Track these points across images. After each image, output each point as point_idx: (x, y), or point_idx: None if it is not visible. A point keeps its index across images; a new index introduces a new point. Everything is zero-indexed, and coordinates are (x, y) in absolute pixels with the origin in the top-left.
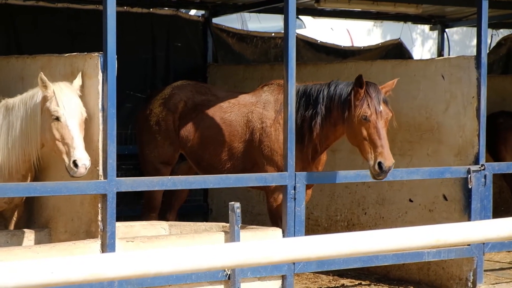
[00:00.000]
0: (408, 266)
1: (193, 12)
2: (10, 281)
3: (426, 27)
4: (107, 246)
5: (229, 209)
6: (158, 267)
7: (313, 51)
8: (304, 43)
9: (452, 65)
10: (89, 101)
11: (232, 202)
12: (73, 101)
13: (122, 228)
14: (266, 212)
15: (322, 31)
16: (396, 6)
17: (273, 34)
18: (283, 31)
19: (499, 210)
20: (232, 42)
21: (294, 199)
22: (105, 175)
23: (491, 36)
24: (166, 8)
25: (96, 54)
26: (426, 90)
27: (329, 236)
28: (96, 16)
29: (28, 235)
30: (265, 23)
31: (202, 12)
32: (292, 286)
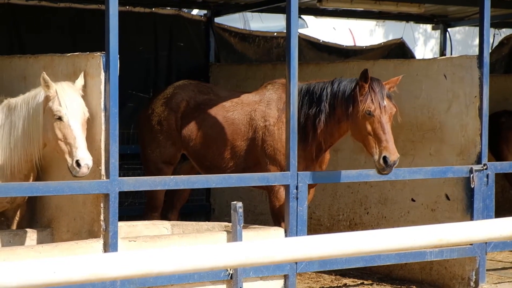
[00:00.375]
0: (411, 265)
1: (195, 11)
2: (13, 281)
3: (428, 27)
4: (109, 246)
5: (232, 209)
6: (160, 267)
7: (315, 50)
8: (307, 42)
9: (454, 65)
10: (92, 100)
11: (235, 202)
12: (75, 101)
13: (125, 227)
14: (268, 211)
15: (324, 30)
16: (398, 5)
17: (275, 34)
18: (285, 31)
19: (502, 210)
20: (234, 41)
21: (297, 198)
22: (107, 175)
23: (493, 36)
24: (168, 8)
25: (98, 53)
26: (428, 89)
27: (331, 235)
28: (99, 16)
29: (31, 235)
30: (267, 23)
31: (205, 11)
32: (294, 285)
